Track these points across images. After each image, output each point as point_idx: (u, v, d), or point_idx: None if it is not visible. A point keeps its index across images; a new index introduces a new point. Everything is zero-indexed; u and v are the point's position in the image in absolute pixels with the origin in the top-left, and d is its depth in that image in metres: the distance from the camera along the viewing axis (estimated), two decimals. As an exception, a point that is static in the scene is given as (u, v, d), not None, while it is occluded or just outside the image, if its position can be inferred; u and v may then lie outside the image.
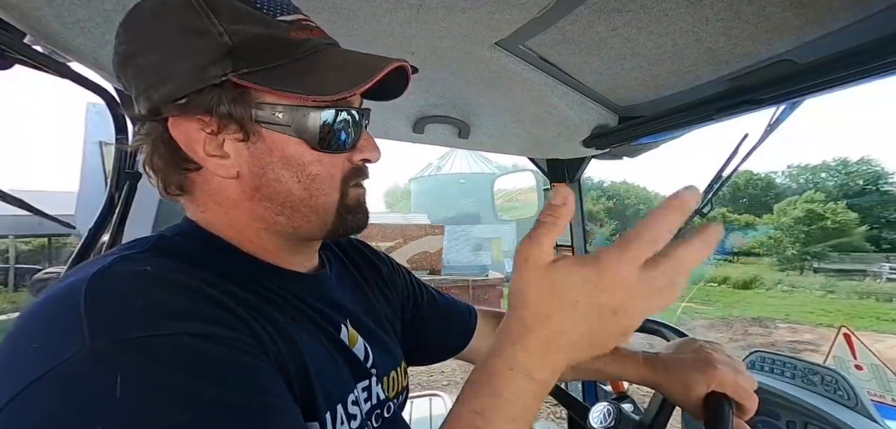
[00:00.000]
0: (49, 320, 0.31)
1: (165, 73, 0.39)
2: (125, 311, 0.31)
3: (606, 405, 0.87)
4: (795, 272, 24.01)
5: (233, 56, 0.38)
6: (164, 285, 0.35)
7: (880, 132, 72.59)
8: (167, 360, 0.30)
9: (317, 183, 0.45)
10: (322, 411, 0.43)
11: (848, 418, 0.93)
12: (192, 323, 0.33)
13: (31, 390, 0.27)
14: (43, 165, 62.92)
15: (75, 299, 0.31)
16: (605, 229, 33.17)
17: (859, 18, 0.66)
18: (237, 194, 0.44)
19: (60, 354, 0.28)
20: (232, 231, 0.46)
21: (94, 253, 0.93)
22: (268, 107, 0.41)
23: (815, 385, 1.03)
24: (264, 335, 0.38)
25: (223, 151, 0.42)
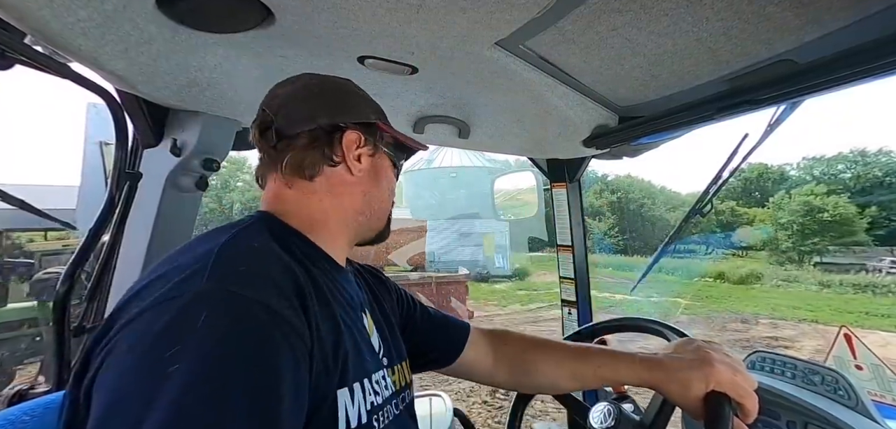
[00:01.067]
0: (192, 261, 0.46)
1: (349, 107, 0.66)
2: (232, 271, 0.45)
3: (606, 405, 0.87)
4: (794, 267, 23.49)
5: (378, 112, 0.70)
6: (261, 258, 0.50)
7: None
8: (237, 319, 0.42)
9: (390, 194, 0.73)
10: (351, 380, 0.54)
11: (848, 418, 0.93)
12: (267, 294, 0.45)
13: (161, 304, 0.42)
14: (44, 162, 63.25)
15: (209, 254, 0.46)
16: (603, 224, 32.71)
17: (859, 18, 0.66)
18: (351, 189, 0.66)
19: (185, 286, 0.43)
20: (320, 216, 0.64)
21: (94, 253, 0.93)
22: (387, 141, 0.70)
23: (816, 385, 1.03)
24: (314, 314, 0.50)
25: (359, 159, 0.66)
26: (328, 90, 0.66)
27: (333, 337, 0.53)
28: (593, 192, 35.11)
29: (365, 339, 0.63)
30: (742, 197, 33.59)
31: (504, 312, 11.37)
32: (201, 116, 0.91)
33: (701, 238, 31.38)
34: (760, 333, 9.64)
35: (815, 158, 31.33)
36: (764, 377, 1.10)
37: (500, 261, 19.48)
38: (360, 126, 0.65)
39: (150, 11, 0.64)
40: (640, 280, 1.82)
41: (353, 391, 0.54)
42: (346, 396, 0.53)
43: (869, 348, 1.69)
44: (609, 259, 27.02)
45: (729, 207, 33.02)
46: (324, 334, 0.50)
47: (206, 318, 0.40)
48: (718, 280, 19.96)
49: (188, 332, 0.39)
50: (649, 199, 37.48)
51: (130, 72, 0.73)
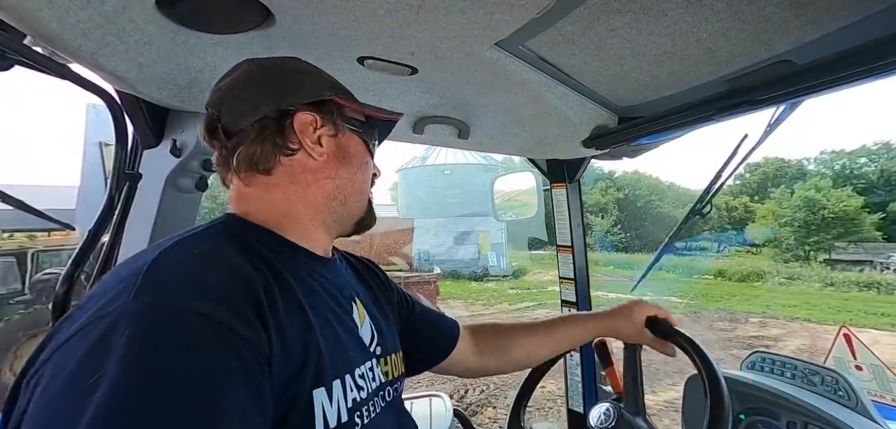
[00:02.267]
0: (120, 281, 0.43)
1: (296, 88, 0.60)
2: (162, 283, 0.42)
3: (606, 405, 0.88)
4: (798, 264, 22.86)
5: (335, 87, 0.64)
6: (200, 266, 0.46)
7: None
8: (163, 330, 0.39)
9: (365, 175, 0.67)
10: (329, 379, 0.52)
11: (848, 418, 0.93)
12: (205, 303, 0.41)
13: (85, 328, 0.39)
14: (44, 163, 63.11)
15: (141, 268, 0.43)
16: (605, 221, 32.13)
17: (858, 19, 0.66)
18: (316, 175, 0.62)
19: (112, 304, 0.40)
20: (284, 207, 0.60)
21: (93, 254, 0.93)
22: (349, 118, 0.65)
23: (816, 386, 1.03)
24: (280, 315, 0.48)
25: (319, 141, 0.61)
26: (271, 73, 0.61)
27: (303, 337, 0.50)
28: (599, 189, 34.61)
29: (351, 330, 0.61)
30: (757, 193, 32.89)
31: (489, 311, 11.32)
32: (201, 117, 0.91)
33: (712, 235, 30.91)
34: (747, 331, 9.59)
35: (834, 152, 30.36)
36: (764, 377, 1.10)
37: (494, 259, 19.43)
38: (313, 106, 0.60)
39: (150, 12, 0.64)
40: (640, 280, 1.82)
41: (331, 390, 0.52)
42: (323, 395, 0.50)
43: (868, 347, 1.70)
44: (609, 257, 26.74)
45: (742, 203, 32.31)
46: (289, 335, 0.48)
47: (127, 336, 0.37)
48: (719, 278, 19.72)
49: (108, 354, 0.36)
50: (656, 195, 36.84)
51: (130, 72, 0.73)
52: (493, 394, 5.19)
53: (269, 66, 0.62)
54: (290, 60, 0.64)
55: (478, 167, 20.25)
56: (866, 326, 10.31)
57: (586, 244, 1.62)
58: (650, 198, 36.30)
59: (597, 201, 33.60)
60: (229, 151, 0.59)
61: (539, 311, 10.93)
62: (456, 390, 5.39)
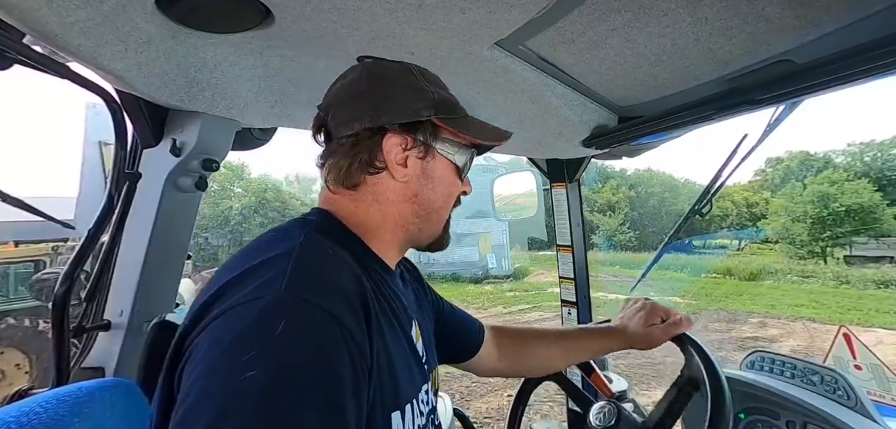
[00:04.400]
0: (268, 265, 0.47)
1: (396, 105, 0.59)
2: (309, 276, 0.46)
3: (606, 405, 0.87)
4: (813, 261, 22.06)
5: (436, 106, 0.61)
6: (335, 266, 0.50)
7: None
8: (312, 327, 0.42)
9: (448, 199, 0.66)
10: (404, 402, 0.53)
11: (847, 417, 0.93)
12: (339, 306, 0.45)
13: (244, 306, 0.43)
14: (42, 170, 62.99)
15: (288, 257, 0.47)
16: (613, 219, 31.44)
17: (857, 19, 0.66)
18: (398, 196, 0.62)
19: (264, 290, 0.44)
20: (367, 222, 0.61)
21: (93, 254, 0.93)
22: (444, 141, 0.63)
23: (815, 385, 1.03)
24: (376, 329, 0.50)
25: (405, 163, 0.60)
26: (376, 85, 0.60)
27: (388, 356, 0.52)
28: (610, 187, 34.08)
29: (414, 349, 0.61)
30: (780, 187, 31.71)
31: (482, 315, 11.28)
32: (201, 116, 0.91)
33: (731, 233, 30.43)
34: (744, 332, 9.50)
35: (864, 143, 28.58)
36: (764, 377, 1.10)
37: (494, 261, 19.39)
38: (407, 126, 0.59)
39: (149, 11, 0.64)
40: (640, 280, 1.82)
41: (404, 414, 0.53)
42: (399, 419, 0.52)
43: (868, 347, 1.70)
44: (616, 257, 26.39)
45: (763, 198, 31.60)
46: (381, 352, 0.50)
47: (284, 326, 0.40)
48: (728, 276, 19.23)
49: (265, 339, 0.40)
50: (670, 192, 36.16)
51: (130, 72, 0.73)
52: (458, 404, 5.17)
53: (377, 75, 0.61)
54: (400, 71, 0.62)
55: (478, 168, 20.19)
56: (874, 325, 10.14)
57: (586, 244, 1.62)
58: (663, 195, 35.54)
59: (607, 200, 33.05)
60: (326, 154, 0.62)
61: (533, 314, 10.89)
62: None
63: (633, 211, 33.13)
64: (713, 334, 9.22)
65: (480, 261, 19.11)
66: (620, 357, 6.64)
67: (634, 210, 33.40)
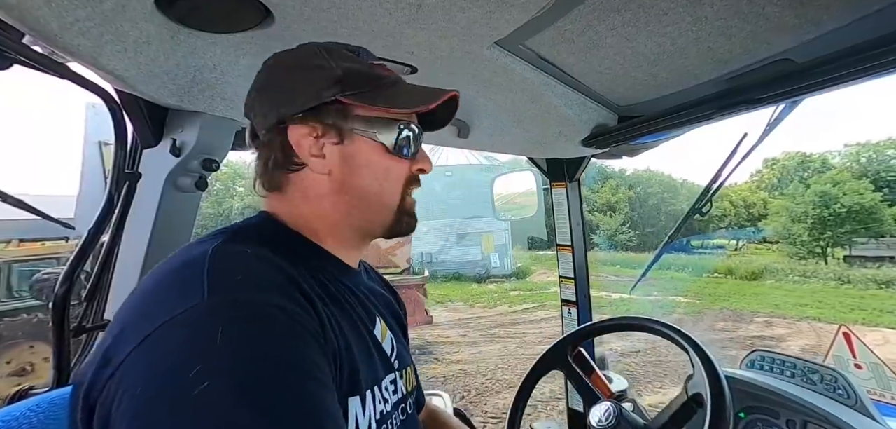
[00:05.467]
0: (182, 278, 0.43)
1: (293, 93, 0.54)
2: (232, 278, 0.42)
3: (606, 405, 0.87)
4: (813, 261, 21.95)
5: (341, 83, 0.54)
6: (260, 263, 0.46)
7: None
8: (254, 322, 0.40)
9: (387, 182, 0.58)
10: (364, 388, 0.52)
11: (848, 416, 0.93)
12: (277, 297, 0.43)
13: (165, 327, 0.38)
14: (42, 169, 62.93)
15: (201, 266, 0.43)
16: (613, 219, 31.33)
17: (857, 18, 0.66)
18: (325, 189, 0.57)
19: (186, 303, 0.39)
20: (304, 223, 0.58)
21: (93, 253, 0.93)
22: (360, 120, 0.56)
23: (815, 384, 1.03)
24: (326, 319, 0.47)
25: (322, 152, 0.55)
26: (274, 77, 0.56)
27: (344, 342, 0.50)
28: (609, 187, 34.08)
29: (376, 343, 0.60)
30: (777, 188, 32.00)
31: (488, 313, 11.23)
32: (201, 116, 0.91)
33: (730, 233, 30.38)
34: (750, 331, 9.44)
35: (860, 144, 28.66)
36: (764, 376, 1.11)
37: (497, 260, 19.38)
38: (312, 112, 0.54)
39: (149, 11, 0.63)
40: (640, 280, 1.82)
41: (364, 399, 0.52)
42: (358, 404, 0.51)
43: (868, 346, 1.70)
44: (617, 256, 26.35)
45: (761, 199, 31.59)
46: (334, 338, 0.48)
47: (222, 333, 0.37)
48: (729, 276, 19.15)
49: (207, 350, 0.36)
50: (669, 193, 36.19)
51: (130, 71, 0.73)
52: (473, 400, 5.17)
53: (274, 67, 0.57)
54: (302, 54, 0.57)
55: (479, 168, 20.21)
56: (879, 325, 10.08)
57: (586, 243, 1.62)
58: (663, 195, 35.52)
59: (607, 200, 33.07)
60: (255, 164, 0.59)
61: (538, 312, 10.89)
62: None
63: (632, 211, 33.08)
64: (720, 334, 9.17)
65: (483, 260, 19.10)
66: (621, 357, 6.65)
67: (634, 210, 33.35)
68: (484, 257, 19.15)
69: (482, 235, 19.01)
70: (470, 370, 6.29)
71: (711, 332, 9.33)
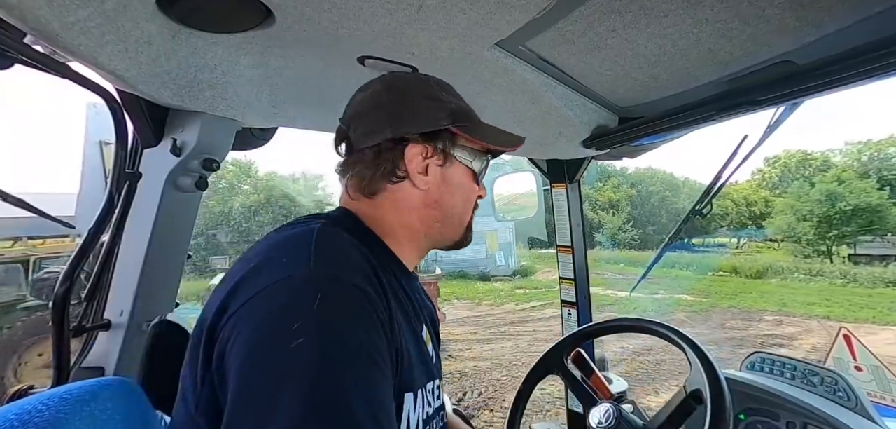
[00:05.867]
0: (293, 247, 0.51)
1: (413, 115, 0.62)
2: (332, 256, 0.51)
3: (606, 407, 0.87)
4: (819, 259, 21.70)
5: (453, 115, 0.63)
6: (352, 249, 0.54)
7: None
8: (344, 296, 0.47)
9: (468, 203, 0.69)
10: (416, 386, 0.56)
11: (848, 419, 0.93)
12: (363, 281, 0.50)
13: (275, 286, 0.46)
14: (43, 167, 62.90)
15: (309, 240, 0.51)
16: (616, 218, 31.20)
17: (858, 20, 0.66)
18: (418, 202, 0.64)
19: (294, 269, 0.47)
20: (389, 227, 0.64)
21: (93, 253, 0.93)
22: (462, 148, 0.66)
23: (815, 386, 1.03)
24: (393, 312, 0.53)
25: (426, 171, 0.63)
26: (396, 97, 0.63)
27: (404, 339, 0.54)
28: (611, 185, 33.92)
29: (424, 348, 0.64)
30: (779, 186, 31.93)
31: (495, 311, 11.19)
32: (201, 116, 0.91)
33: (731, 231, 30.26)
34: (761, 330, 9.32)
35: (862, 142, 28.58)
36: (764, 378, 1.10)
37: (502, 259, 19.36)
38: (428, 136, 0.62)
39: (150, 11, 0.64)
40: (641, 280, 1.82)
41: (416, 397, 0.55)
42: (411, 400, 0.54)
43: (868, 348, 1.70)
44: (620, 255, 26.12)
45: (762, 197, 31.55)
46: (398, 333, 0.53)
47: (319, 299, 0.44)
48: (734, 275, 18.85)
49: (305, 311, 0.43)
50: (671, 191, 36.13)
51: (130, 71, 0.73)
52: (492, 396, 5.19)
53: (397, 87, 0.64)
54: (419, 82, 0.66)
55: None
56: (889, 323, 9.90)
57: (586, 244, 1.62)
58: (665, 194, 35.49)
59: (609, 198, 33.01)
60: (348, 166, 0.65)
61: (546, 310, 10.86)
62: (454, 392, 5.40)
63: (634, 210, 33.01)
64: (731, 332, 9.06)
65: (487, 259, 19.08)
66: (634, 356, 6.64)
67: (635, 209, 33.28)
68: (488, 256, 19.13)
69: (486, 233, 18.99)
70: (484, 367, 6.33)
71: (722, 330, 9.22)
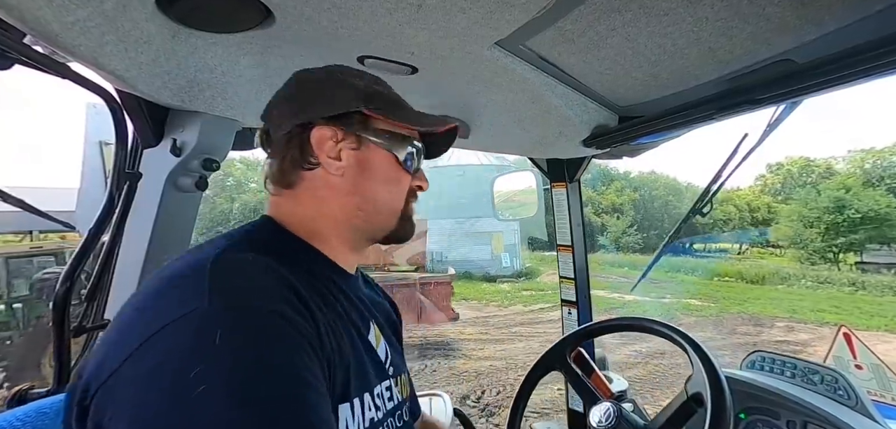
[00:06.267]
0: (184, 283, 0.45)
1: (322, 100, 0.60)
2: (233, 285, 0.45)
3: (607, 406, 0.87)
4: (826, 266, 21.29)
5: (366, 98, 0.60)
6: (261, 271, 0.48)
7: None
8: (252, 328, 0.41)
9: (392, 190, 0.64)
10: (353, 395, 0.54)
11: (848, 417, 0.93)
12: (277, 304, 0.45)
13: (167, 328, 0.39)
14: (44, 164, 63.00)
15: (203, 272, 0.44)
16: (621, 222, 30.97)
17: (857, 18, 0.66)
18: (336, 190, 0.61)
19: (188, 307, 0.41)
20: (312, 221, 0.61)
21: (93, 254, 0.93)
22: (377, 131, 0.62)
23: (816, 385, 1.03)
24: (322, 326, 0.49)
25: (339, 155, 0.60)
26: (306, 86, 0.62)
27: (338, 347, 0.51)
28: (614, 189, 33.88)
29: (371, 350, 0.62)
30: (781, 193, 31.87)
31: (504, 312, 11.16)
32: (201, 116, 0.91)
33: (733, 236, 30.24)
34: (773, 336, 9.23)
35: (864, 149, 27.99)
36: (764, 377, 1.10)
37: (507, 260, 19.30)
38: (336, 119, 0.59)
39: (150, 11, 0.64)
40: (640, 280, 1.83)
41: (353, 406, 0.53)
42: (348, 411, 0.52)
43: (868, 347, 1.70)
44: (624, 259, 25.79)
45: (765, 203, 31.32)
46: (329, 343, 0.49)
47: (223, 335, 0.39)
48: (738, 280, 18.58)
49: (206, 352, 0.38)
50: (674, 196, 35.89)
51: (130, 71, 0.73)
52: (509, 395, 5.18)
53: (308, 78, 0.63)
54: (334, 72, 0.63)
55: (490, 168, 20.01)
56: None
57: (586, 244, 1.62)
58: (668, 198, 35.22)
59: (612, 202, 32.82)
60: (269, 162, 0.63)
61: (555, 312, 10.81)
62: (473, 390, 5.40)
63: (637, 214, 32.96)
64: (743, 338, 8.92)
65: (493, 260, 19.05)
66: (648, 359, 6.65)
67: (638, 213, 33.23)
68: (494, 257, 19.08)
69: (492, 234, 18.94)
70: (500, 366, 6.36)
71: (734, 336, 9.08)
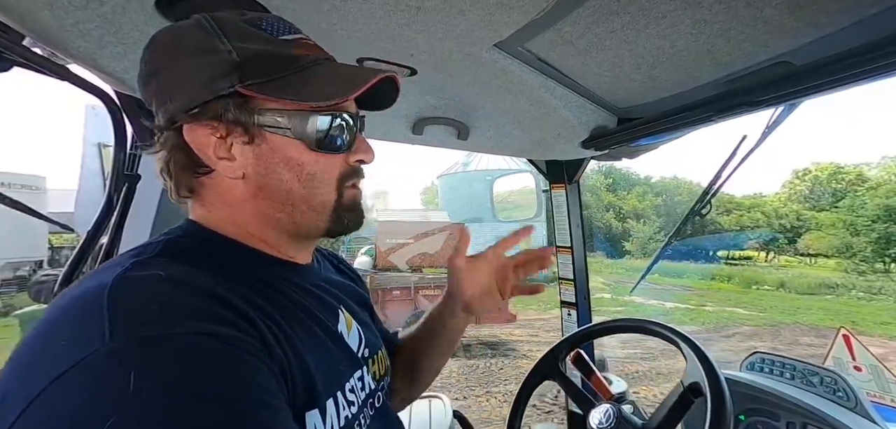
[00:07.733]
0: (75, 320, 0.35)
1: (181, 86, 0.45)
2: (141, 312, 0.35)
3: (606, 407, 0.88)
4: (876, 276, 20.35)
5: (240, 70, 0.44)
6: (177, 288, 0.39)
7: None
8: (176, 358, 0.33)
9: (315, 182, 0.50)
10: (323, 399, 0.47)
11: (847, 419, 0.93)
12: (204, 323, 0.36)
13: (59, 382, 0.30)
14: (44, 163, 62.84)
15: (99, 302, 0.35)
16: (647, 227, 30.67)
17: (856, 20, 0.66)
18: (243, 194, 0.49)
19: (84, 350, 0.31)
20: (235, 228, 0.50)
21: (92, 255, 0.93)
22: (270, 113, 0.46)
23: (815, 386, 1.03)
24: (269, 334, 0.42)
25: (231, 153, 0.47)
26: (158, 65, 0.46)
27: (294, 353, 0.44)
28: (635, 194, 33.68)
29: (340, 341, 0.55)
30: (808, 200, 31.35)
31: (547, 316, 10.20)
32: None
33: (760, 243, 29.88)
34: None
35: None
36: (763, 378, 1.11)
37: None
38: (208, 108, 0.44)
39: (149, 13, 0.64)
40: (640, 280, 1.83)
41: (324, 410, 0.47)
42: (317, 417, 0.46)
43: (867, 348, 1.70)
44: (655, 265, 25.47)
45: (793, 211, 30.92)
46: (281, 352, 0.42)
47: (137, 375, 0.30)
48: (779, 288, 17.90)
49: (119, 399, 0.29)
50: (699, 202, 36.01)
51: (129, 73, 0.73)
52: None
53: (159, 47, 0.46)
54: (184, 34, 0.45)
55: (519, 172, 20.06)
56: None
57: (586, 245, 1.62)
58: (690, 204, 34.98)
59: (634, 206, 32.76)
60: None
61: (597, 318, 10.40)
62: (549, 388, 5.35)
63: (659, 218, 32.77)
64: (808, 349, 8.24)
65: None
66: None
67: (660, 217, 33.02)
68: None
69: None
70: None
71: (797, 347, 8.43)
